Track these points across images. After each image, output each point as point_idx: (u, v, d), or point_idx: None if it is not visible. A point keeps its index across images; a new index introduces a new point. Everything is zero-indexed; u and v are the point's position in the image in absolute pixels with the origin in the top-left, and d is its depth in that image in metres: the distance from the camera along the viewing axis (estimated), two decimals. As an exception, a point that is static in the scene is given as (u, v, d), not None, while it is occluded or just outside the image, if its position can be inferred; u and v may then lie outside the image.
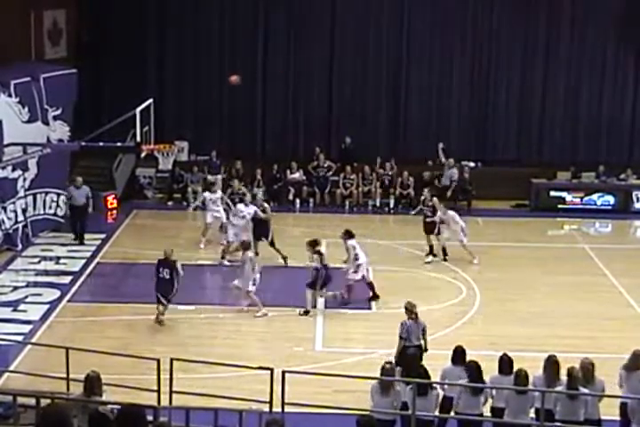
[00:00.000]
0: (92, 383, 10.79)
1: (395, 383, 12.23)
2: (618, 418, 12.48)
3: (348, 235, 19.51)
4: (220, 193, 23.09)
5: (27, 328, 17.17)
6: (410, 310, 14.47)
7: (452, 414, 12.38)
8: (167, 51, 28.71)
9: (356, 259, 19.11)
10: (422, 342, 14.40)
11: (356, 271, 18.96)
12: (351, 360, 15.79)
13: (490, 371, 12.49)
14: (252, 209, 21.47)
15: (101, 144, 20.73)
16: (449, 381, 12.63)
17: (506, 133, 28.75)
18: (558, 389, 12.02)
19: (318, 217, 25.81)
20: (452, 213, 21.78)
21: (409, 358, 13.27)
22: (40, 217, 23.21)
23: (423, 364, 12.78)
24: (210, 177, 26.79)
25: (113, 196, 25.34)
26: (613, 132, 28.40)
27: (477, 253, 21.90)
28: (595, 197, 26.65)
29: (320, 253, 18.60)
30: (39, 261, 21.35)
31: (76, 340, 15.83)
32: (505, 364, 12.46)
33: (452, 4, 28.12)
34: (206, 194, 23.00)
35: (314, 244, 18.86)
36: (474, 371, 12.20)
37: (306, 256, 19.72)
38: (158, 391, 12.17)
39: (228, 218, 22.08)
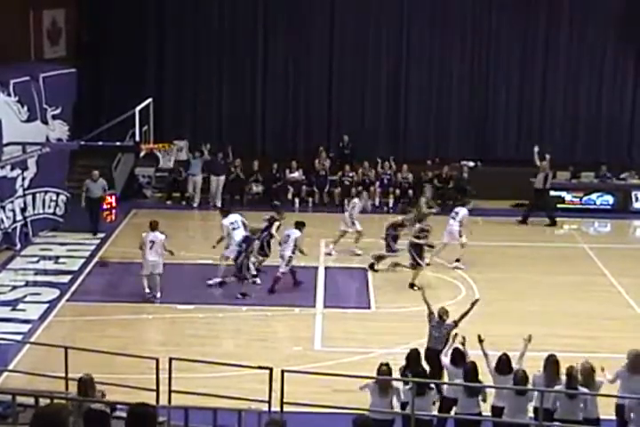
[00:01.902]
0: (86, 386, 10.82)
1: (392, 383, 12.23)
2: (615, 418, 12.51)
3: (224, 213, 19.89)
4: (365, 197, 22.87)
5: (26, 327, 17.16)
6: (439, 314, 14.35)
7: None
8: (167, 50, 28.70)
9: (227, 247, 19.37)
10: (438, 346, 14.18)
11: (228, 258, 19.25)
12: (350, 360, 15.78)
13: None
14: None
15: (100, 143, 20.73)
16: (449, 380, 12.64)
17: (505, 133, 28.74)
18: (557, 388, 12.02)
19: (317, 216, 25.77)
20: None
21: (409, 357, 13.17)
22: (40, 216, 23.20)
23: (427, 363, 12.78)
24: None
25: (112, 195, 25.31)
26: (613, 131, 28.40)
27: (477, 252, 21.88)
28: (594, 196, 26.64)
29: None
30: (38, 261, 21.33)
31: (75, 339, 15.83)
32: (503, 363, 12.46)
33: (451, 4, 28.12)
34: (356, 200, 22.55)
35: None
36: (469, 373, 12.21)
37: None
38: (157, 391, 12.14)
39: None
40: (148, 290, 18.63)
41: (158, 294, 18.69)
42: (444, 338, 13.86)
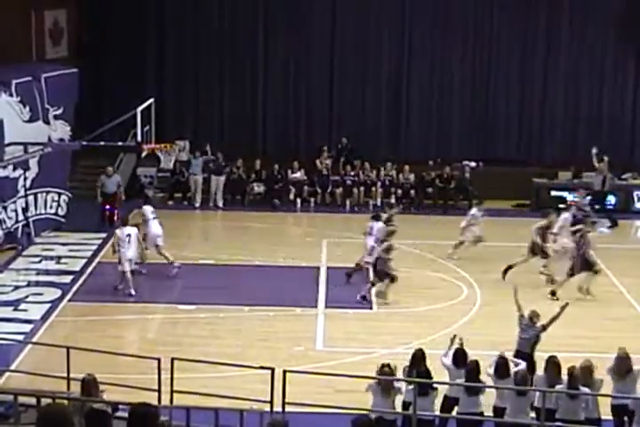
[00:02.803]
0: (90, 386, 10.79)
1: (394, 383, 12.23)
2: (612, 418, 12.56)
3: (145, 202, 20.41)
4: (482, 208, 22.27)
5: (28, 327, 17.17)
6: (530, 317, 14.28)
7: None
8: (167, 50, 28.72)
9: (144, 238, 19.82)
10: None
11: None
12: (352, 360, 15.78)
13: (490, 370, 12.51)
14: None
15: (102, 143, 20.75)
16: (450, 380, 12.65)
17: (507, 133, 28.76)
18: (558, 388, 12.04)
19: (319, 217, 25.83)
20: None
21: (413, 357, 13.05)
22: (42, 217, 23.21)
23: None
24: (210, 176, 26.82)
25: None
26: (614, 132, 28.41)
27: (479, 252, 21.89)
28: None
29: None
30: (40, 261, 21.34)
31: (77, 339, 15.84)
32: (501, 367, 12.48)
33: (452, 5, 28.13)
34: (474, 210, 22.13)
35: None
36: (471, 371, 12.21)
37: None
38: (159, 391, 12.16)
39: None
40: (133, 291, 18.82)
41: (120, 286, 19.02)
42: (533, 341, 13.94)
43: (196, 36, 28.39)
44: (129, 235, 18.92)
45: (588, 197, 24.56)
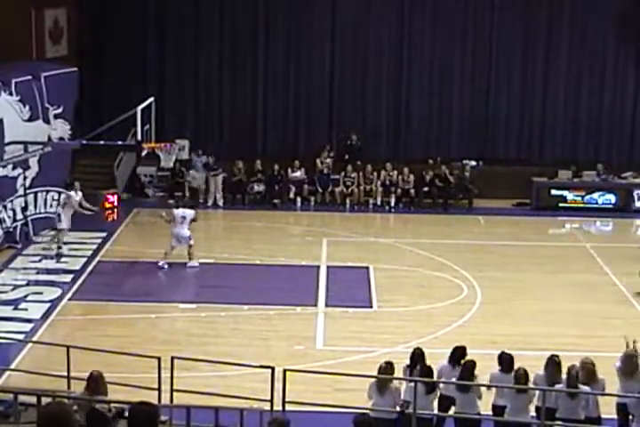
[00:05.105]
0: (96, 383, 10.67)
1: (394, 382, 12.21)
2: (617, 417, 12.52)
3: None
4: None
5: (28, 327, 17.15)
6: None
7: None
8: (168, 49, 28.69)
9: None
10: None
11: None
12: (352, 359, 15.78)
13: (490, 370, 12.47)
14: None
15: (102, 143, 20.75)
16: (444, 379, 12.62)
17: (507, 132, 28.74)
18: (558, 387, 12.02)
19: (319, 216, 25.82)
20: None
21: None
22: (41, 215, 23.20)
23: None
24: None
25: (114, 194, 25.36)
26: (614, 130, 28.41)
27: (479, 251, 21.90)
28: (596, 195, 26.63)
29: None
30: (40, 260, 21.34)
31: (77, 338, 15.84)
32: (505, 362, 12.44)
33: (452, 4, 28.12)
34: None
35: None
36: (465, 369, 12.15)
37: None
38: (159, 390, 12.15)
39: None
40: (163, 263, 20.50)
41: (194, 263, 20.69)
42: None
43: (196, 35, 28.37)
44: (184, 217, 20.56)
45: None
